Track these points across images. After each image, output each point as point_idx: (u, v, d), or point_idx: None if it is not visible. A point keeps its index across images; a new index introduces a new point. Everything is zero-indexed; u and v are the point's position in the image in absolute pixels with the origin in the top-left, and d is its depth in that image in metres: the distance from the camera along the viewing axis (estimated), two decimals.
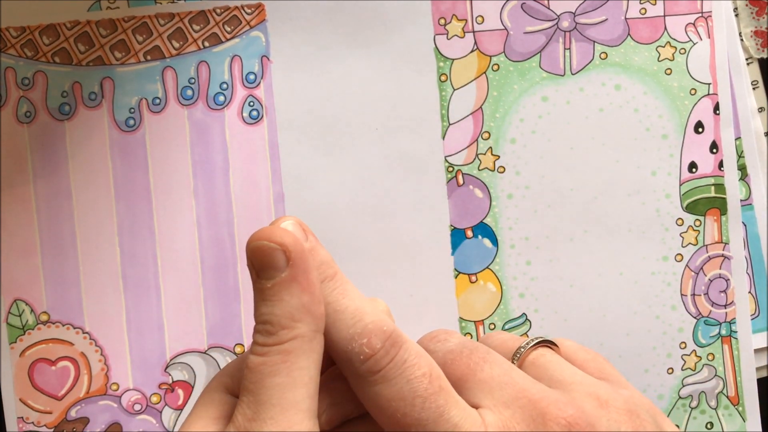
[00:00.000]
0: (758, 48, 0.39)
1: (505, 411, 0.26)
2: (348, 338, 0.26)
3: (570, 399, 0.27)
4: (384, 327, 0.26)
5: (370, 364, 0.26)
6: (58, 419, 0.37)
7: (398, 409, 0.25)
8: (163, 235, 0.37)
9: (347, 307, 0.26)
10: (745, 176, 0.39)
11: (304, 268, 0.26)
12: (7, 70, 0.37)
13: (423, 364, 0.26)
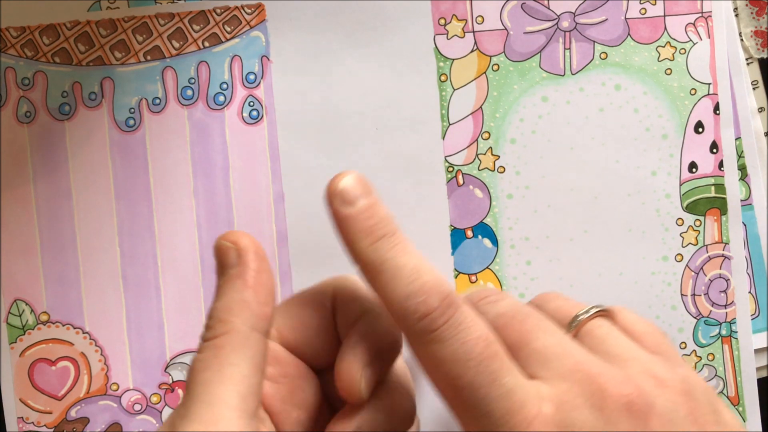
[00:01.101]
0: (758, 48, 0.39)
1: (561, 384, 0.25)
2: (405, 295, 0.25)
3: (628, 376, 0.26)
4: (441, 287, 0.25)
5: (426, 323, 0.25)
6: (58, 419, 0.37)
7: (451, 371, 0.25)
8: (163, 235, 0.37)
9: (406, 264, 0.26)
10: (745, 176, 0.39)
11: (257, 267, 0.26)
12: (7, 70, 0.37)
13: (479, 328, 0.25)
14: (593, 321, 0.28)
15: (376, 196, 0.27)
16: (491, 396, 0.25)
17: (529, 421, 0.24)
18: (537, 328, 0.27)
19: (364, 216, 0.26)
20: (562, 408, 0.25)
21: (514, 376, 0.25)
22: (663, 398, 0.26)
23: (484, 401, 0.25)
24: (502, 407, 0.24)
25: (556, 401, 0.25)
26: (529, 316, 0.27)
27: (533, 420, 0.24)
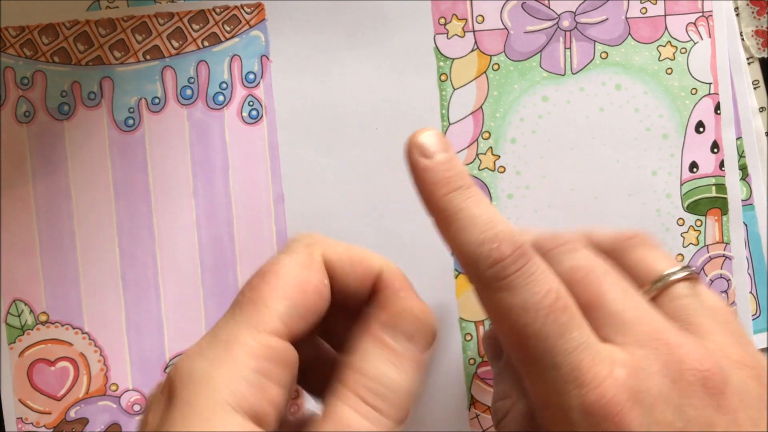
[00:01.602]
0: (759, 47, 0.39)
1: (638, 351, 0.24)
2: (478, 242, 0.25)
3: (707, 351, 0.25)
4: (515, 237, 0.25)
5: (497, 269, 0.25)
6: (58, 419, 0.37)
7: (520, 319, 0.24)
8: (163, 235, 0.37)
9: (481, 214, 0.26)
10: (746, 176, 0.39)
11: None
12: (7, 70, 0.37)
13: (551, 281, 0.25)
14: (679, 285, 0.27)
15: (454, 150, 0.27)
16: (559, 348, 0.24)
17: (599, 380, 0.24)
18: (614, 288, 0.26)
19: (443, 168, 0.27)
20: (636, 375, 0.24)
21: (587, 334, 0.25)
22: (738, 378, 0.25)
23: (551, 352, 0.24)
24: (571, 362, 0.24)
25: (630, 367, 0.24)
26: (607, 274, 0.26)
27: (603, 380, 0.24)
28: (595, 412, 0.24)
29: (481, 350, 0.38)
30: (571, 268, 0.26)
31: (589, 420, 0.24)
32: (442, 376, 0.38)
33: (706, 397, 0.24)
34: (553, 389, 0.24)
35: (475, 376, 0.38)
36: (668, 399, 0.24)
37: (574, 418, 0.24)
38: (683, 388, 0.24)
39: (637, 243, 0.29)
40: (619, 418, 0.23)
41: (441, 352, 0.38)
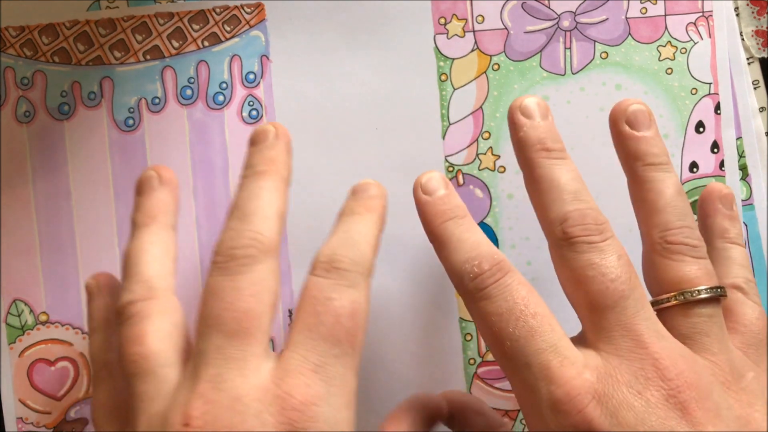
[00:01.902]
0: (759, 47, 0.39)
1: (614, 359, 0.27)
2: (464, 260, 0.29)
3: (691, 367, 0.27)
4: (494, 255, 0.29)
5: (477, 282, 0.29)
6: (57, 419, 0.37)
7: (496, 324, 0.28)
8: None
9: (468, 239, 0.30)
10: (746, 176, 0.39)
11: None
12: (7, 70, 0.37)
13: (524, 292, 0.28)
14: (699, 303, 0.29)
15: (453, 189, 0.32)
16: (531, 348, 0.27)
17: (566, 379, 0.26)
18: (623, 298, 0.28)
19: (440, 202, 0.31)
20: (604, 380, 0.27)
21: (557, 337, 0.27)
22: (719, 395, 0.27)
23: (522, 352, 0.27)
24: (541, 361, 0.27)
25: (600, 372, 0.27)
26: (615, 281, 0.28)
27: (571, 380, 0.26)
28: (562, 408, 0.26)
29: (481, 350, 0.38)
30: (585, 265, 0.28)
31: (556, 414, 0.26)
32: (443, 376, 0.38)
33: (671, 409, 0.26)
34: (527, 386, 0.27)
35: (476, 376, 0.38)
36: (631, 406, 0.26)
37: (544, 413, 0.27)
38: (648, 398, 0.26)
39: (681, 244, 0.30)
40: (583, 414, 0.26)
41: (441, 352, 0.38)
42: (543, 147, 0.30)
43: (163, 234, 0.32)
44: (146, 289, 0.29)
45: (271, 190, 0.30)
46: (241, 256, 0.28)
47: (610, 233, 0.29)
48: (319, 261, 0.28)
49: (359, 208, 0.31)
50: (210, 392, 0.26)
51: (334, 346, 0.27)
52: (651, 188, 0.30)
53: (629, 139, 0.31)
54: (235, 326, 0.27)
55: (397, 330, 0.37)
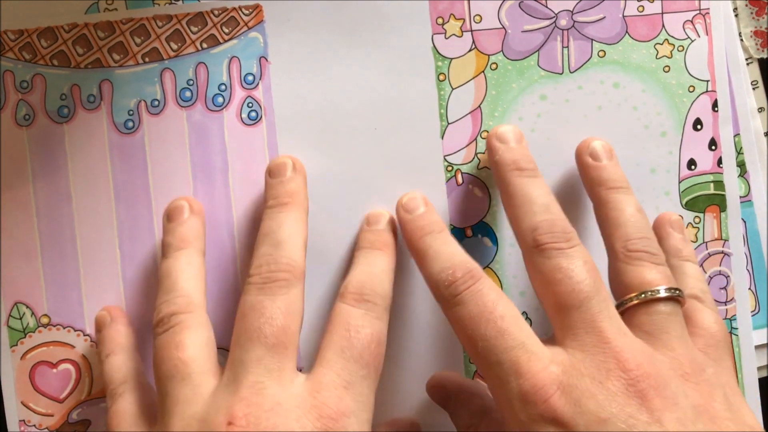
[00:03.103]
0: (758, 48, 0.39)
1: (578, 354, 0.29)
2: (439, 270, 0.32)
3: (649, 359, 0.29)
4: (467, 264, 0.32)
5: (451, 288, 0.31)
6: (60, 422, 0.37)
7: (469, 326, 0.30)
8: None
9: (444, 251, 0.33)
10: (744, 173, 0.39)
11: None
12: (6, 74, 0.37)
13: (493, 296, 0.31)
14: (659, 302, 0.31)
15: (432, 207, 0.35)
16: (500, 347, 0.29)
17: (533, 373, 0.29)
18: (586, 299, 0.30)
19: (419, 219, 0.34)
20: (569, 372, 0.29)
21: (524, 336, 0.30)
22: (677, 385, 0.29)
23: (493, 351, 0.30)
24: (510, 357, 0.29)
25: (565, 366, 0.29)
26: (581, 283, 0.30)
27: (537, 373, 0.29)
28: (529, 399, 0.28)
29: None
30: (554, 268, 0.31)
31: (525, 405, 0.29)
32: None
33: (630, 397, 0.28)
34: (499, 381, 0.29)
35: (476, 375, 0.38)
36: (593, 395, 0.28)
37: (514, 404, 0.29)
38: (608, 387, 0.28)
39: (641, 251, 0.33)
40: (548, 404, 0.28)
41: (441, 351, 0.38)
42: (516, 167, 0.34)
43: (197, 258, 0.34)
44: (186, 303, 0.33)
45: (297, 221, 0.33)
46: (280, 279, 0.31)
47: (576, 241, 0.32)
48: (350, 291, 0.32)
49: (378, 244, 0.35)
50: (252, 396, 0.29)
51: (363, 368, 0.30)
52: (613, 207, 0.34)
53: (592, 169, 0.35)
54: (275, 340, 0.30)
55: (397, 329, 0.38)
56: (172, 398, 0.30)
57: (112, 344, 0.35)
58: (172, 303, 0.33)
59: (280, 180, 0.35)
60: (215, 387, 0.30)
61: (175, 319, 0.32)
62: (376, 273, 0.33)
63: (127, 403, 0.33)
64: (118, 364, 0.35)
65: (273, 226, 0.33)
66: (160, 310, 0.33)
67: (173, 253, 0.34)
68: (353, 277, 0.33)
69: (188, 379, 0.30)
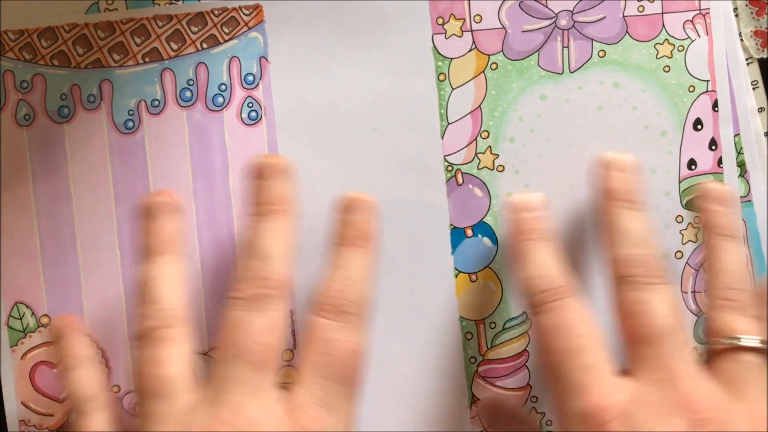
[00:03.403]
0: (758, 48, 0.39)
1: (646, 387, 0.29)
2: (533, 276, 0.32)
3: (718, 405, 0.29)
4: (562, 278, 0.32)
5: (541, 296, 0.32)
6: (60, 422, 0.37)
7: (547, 336, 0.31)
8: None
9: (543, 259, 0.33)
10: (744, 173, 0.39)
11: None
12: (6, 74, 0.37)
13: (580, 314, 0.31)
14: (746, 351, 0.31)
15: (544, 213, 0.34)
16: (572, 364, 0.30)
17: (598, 395, 0.29)
18: (663, 335, 0.30)
19: (527, 221, 0.34)
20: (633, 402, 0.29)
21: (600, 360, 0.30)
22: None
23: (564, 365, 0.30)
24: (579, 375, 0.29)
25: (632, 395, 0.29)
26: (662, 318, 0.30)
27: (602, 396, 0.29)
28: (589, 418, 0.29)
29: (482, 348, 0.38)
30: (637, 300, 0.31)
31: (583, 424, 0.29)
32: (443, 375, 0.38)
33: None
34: (563, 395, 0.30)
35: (476, 375, 0.38)
36: (654, 429, 0.28)
37: (573, 420, 0.29)
38: (671, 424, 0.28)
39: (736, 300, 0.32)
40: (606, 428, 0.28)
41: (442, 351, 0.38)
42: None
43: (179, 264, 0.33)
44: (170, 317, 0.31)
45: (285, 230, 0.32)
46: (265, 296, 0.30)
47: (666, 280, 0.31)
48: (325, 303, 0.31)
49: (355, 239, 0.32)
50: (231, 416, 0.28)
51: (342, 386, 0.30)
52: (716, 254, 0.33)
53: (709, 213, 0.35)
54: (258, 357, 0.29)
55: (397, 329, 0.38)
56: (151, 415, 0.30)
57: (73, 357, 0.34)
58: (155, 317, 0.31)
59: (269, 183, 0.33)
60: (195, 404, 0.30)
61: (157, 333, 0.31)
62: (353, 278, 0.31)
63: (96, 421, 0.33)
64: (83, 378, 0.34)
65: (259, 236, 0.32)
66: (142, 322, 0.31)
67: (154, 258, 0.32)
68: (329, 284, 0.31)
69: (167, 397, 0.30)
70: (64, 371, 0.34)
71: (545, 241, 0.33)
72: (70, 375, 0.34)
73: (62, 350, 0.35)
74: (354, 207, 0.33)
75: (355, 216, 0.33)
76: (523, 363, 0.38)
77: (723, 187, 0.35)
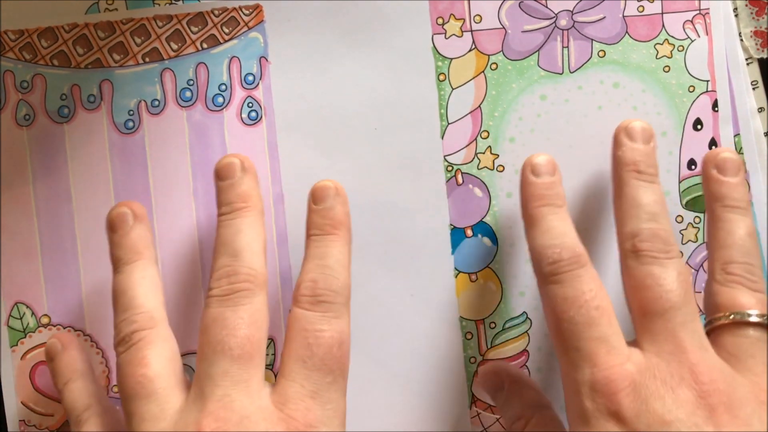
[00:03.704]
0: (758, 48, 0.39)
1: (654, 358, 0.30)
2: (547, 245, 0.32)
3: (724, 376, 0.29)
4: (576, 248, 0.32)
5: (554, 267, 0.31)
6: (60, 422, 0.37)
7: (559, 306, 0.31)
8: (163, 236, 0.37)
9: (557, 227, 0.32)
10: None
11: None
12: (6, 74, 0.37)
13: (592, 285, 0.31)
14: (751, 326, 0.31)
15: (556, 178, 0.34)
16: (584, 334, 0.30)
17: (609, 365, 0.29)
18: (672, 308, 0.30)
19: (543, 187, 0.33)
20: (643, 373, 0.29)
21: (611, 331, 0.30)
22: (750, 408, 0.29)
23: (577, 336, 0.30)
24: (590, 347, 0.30)
25: (641, 366, 0.30)
26: (671, 292, 0.30)
27: (613, 367, 0.29)
28: (599, 389, 0.29)
29: (482, 348, 0.38)
30: (646, 274, 0.31)
31: (593, 393, 0.29)
32: (443, 375, 0.38)
33: (699, 407, 0.28)
34: (573, 365, 0.30)
35: (476, 375, 0.38)
36: (662, 396, 0.29)
37: (582, 391, 0.29)
38: (678, 394, 0.29)
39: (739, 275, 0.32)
40: (616, 397, 0.29)
41: (442, 351, 0.38)
42: (636, 168, 0.33)
43: (151, 269, 0.33)
44: (147, 319, 0.32)
45: (253, 225, 0.32)
46: (241, 290, 0.31)
47: (675, 253, 0.32)
48: (303, 294, 0.31)
49: (328, 227, 0.33)
50: (220, 411, 0.29)
51: (327, 375, 0.30)
52: (722, 227, 0.33)
53: (714, 182, 0.34)
54: (240, 351, 0.29)
55: (397, 329, 0.38)
56: (138, 417, 0.30)
57: (68, 371, 0.35)
58: (132, 321, 0.32)
59: (230, 182, 0.33)
60: (182, 402, 0.30)
61: (137, 336, 0.31)
62: (329, 265, 0.32)
63: (94, 428, 0.33)
64: (78, 390, 0.34)
65: (229, 234, 0.32)
66: (121, 329, 0.32)
67: (124, 268, 0.33)
68: (305, 275, 0.32)
69: (154, 396, 0.30)
70: (60, 387, 0.35)
71: (560, 208, 0.33)
72: (65, 389, 0.34)
73: (57, 368, 0.35)
74: (321, 195, 0.33)
75: (323, 204, 0.33)
76: (523, 363, 0.38)
77: (729, 154, 0.34)
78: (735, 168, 0.34)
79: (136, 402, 0.30)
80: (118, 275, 0.33)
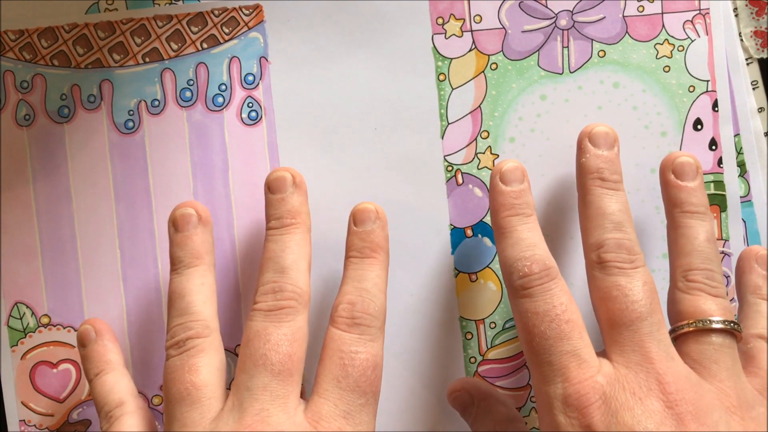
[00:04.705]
0: (758, 48, 0.39)
1: (623, 370, 0.30)
2: (517, 258, 0.32)
3: (691, 385, 0.29)
4: (546, 261, 0.32)
5: (524, 281, 0.31)
6: (60, 422, 0.37)
7: (530, 321, 0.31)
8: (163, 236, 0.37)
9: (528, 238, 0.32)
10: (744, 173, 0.39)
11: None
12: (6, 74, 0.37)
13: (565, 300, 0.31)
14: (714, 332, 0.31)
15: (528, 185, 0.34)
16: (555, 349, 0.30)
17: (580, 380, 0.29)
18: (638, 319, 0.30)
19: (513, 195, 0.33)
20: (612, 385, 0.29)
21: (582, 345, 0.30)
22: (719, 415, 0.29)
23: (547, 350, 0.30)
24: (562, 361, 0.30)
25: (610, 378, 0.30)
26: (636, 303, 0.31)
27: (584, 380, 0.29)
28: (571, 403, 0.29)
29: (482, 348, 0.38)
30: (612, 285, 0.31)
31: (565, 408, 0.29)
32: (444, 375, 0.38)
33: (667, 417, 0.29)
34: (545, 379, 0.30)
35: (477, 375, 0.38)
36: (631, 408, 0.29)
37: (555, 405, 0.30)
38: (647, 405, 0.29)
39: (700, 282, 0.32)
40: (586, 411, 0.29)
41: (442, 351, 0.38)
42: (600, 176, 0.33)
43: (210, 276, 0.34)
44: (203, 328, 0.32)
45: (300, 243, 0.33)
46: (285, 307, 0.31)
47: (641, 263, 0.32)
48: (341, 316, 0.32)
49: (367, 250, 0.33)
50: (257, 424, 0.29)
51: (360, 397, 0.30)
52: (683, 233, 0.33)
53: (672, 188, 0.34)
54: (281, 367, 0.30)
55: (398, 329, 0.38)
56: (180, 422, 0.30)
57: (101, 362, 0.35)
58: (188, 327, 0.32)
59: (281, 197, 0.34)
60: (221, 412, 0.30)
61: (191, 343, 0.32)
62: (366, 289, 0.32)
63: (126, 427, 0.33)
64: (111, 384, 0.34)
65: (277, 250, 0.33)
66: (175, 333, 0.32)
67: (185, 271, 0.33)
68: (343, 296, 0.32)
69: (198, 403, 0.30)
70: (91, 377, 0.35)
71: (529, 218, 0.33)
72: (96, 381, 0.34)
73: (89, 357, 0.35)
74: (362, 218, 0.34)
75: (363, 227, 0.34)
76: (523, 363, 0.38)
77: (686, 158, 0.34)
78: (693, 172, 0.34)
79: (180, 407, 0.31)
80: (178, 277, 0.33)
